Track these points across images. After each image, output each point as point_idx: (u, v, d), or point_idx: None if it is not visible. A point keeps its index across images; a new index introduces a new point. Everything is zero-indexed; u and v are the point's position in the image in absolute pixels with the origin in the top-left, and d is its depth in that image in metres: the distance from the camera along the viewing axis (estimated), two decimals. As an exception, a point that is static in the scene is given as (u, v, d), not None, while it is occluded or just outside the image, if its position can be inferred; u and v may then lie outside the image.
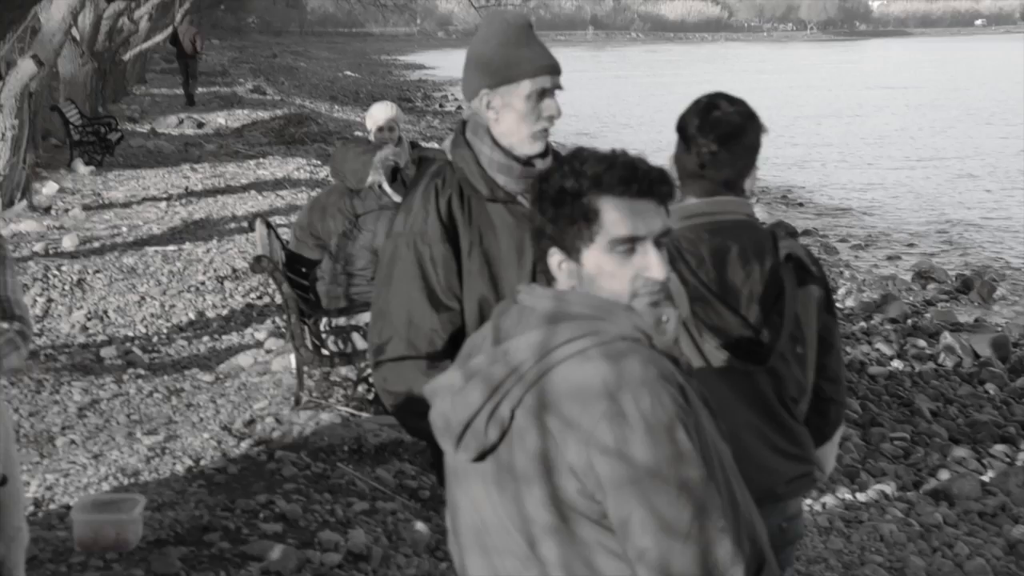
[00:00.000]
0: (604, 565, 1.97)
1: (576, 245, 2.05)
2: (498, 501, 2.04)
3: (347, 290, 6.44)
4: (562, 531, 1.98)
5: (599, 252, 2.04)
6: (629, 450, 1.90)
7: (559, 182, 2.07)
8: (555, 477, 1.95)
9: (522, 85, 2.87)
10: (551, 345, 1.98)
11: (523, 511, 2.00)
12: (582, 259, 2.06)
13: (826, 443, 3.10)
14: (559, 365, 1.96)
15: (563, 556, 1.99)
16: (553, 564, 1.99)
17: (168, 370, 7.08)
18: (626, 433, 1.90)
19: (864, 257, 15.43)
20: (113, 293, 8.76)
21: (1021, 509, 6.74)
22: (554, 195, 2.07)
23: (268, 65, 48.16)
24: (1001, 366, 10.12)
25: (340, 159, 6.74)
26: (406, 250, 2.91)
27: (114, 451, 5.45)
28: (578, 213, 2.04)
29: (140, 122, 22.07)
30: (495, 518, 2.05)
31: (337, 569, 4.33)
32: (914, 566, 5.64)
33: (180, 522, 4.51)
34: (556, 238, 2.07)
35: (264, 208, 12.11)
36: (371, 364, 2.99)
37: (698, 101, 2.96)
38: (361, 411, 6.02)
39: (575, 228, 2.05)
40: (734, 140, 2.89)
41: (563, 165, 2.09)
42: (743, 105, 2.96)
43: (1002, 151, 26.03)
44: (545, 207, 2.08)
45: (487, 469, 2.05)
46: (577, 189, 2.05)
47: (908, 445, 7.77)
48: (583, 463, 1.92)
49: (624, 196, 2.04)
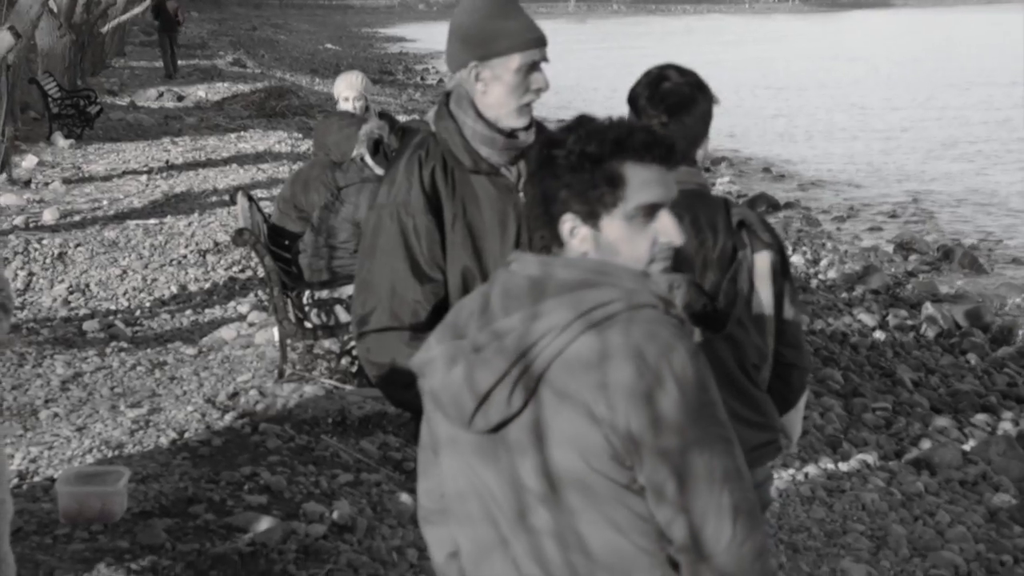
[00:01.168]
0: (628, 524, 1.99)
1: (596, 211, 2.03)
2: (507, 471, 2.03)
3: (330, 263, 6.43)
4: (580, 500, 1.98)
5: (620, 218, 2.03)
6: (670, 412, 1.92)
7: (578, 146, 2.03)
8: (582, 445, 1.95)
9: (512, 58, 2.86)
10: (578, 312, 1.96)
11: (545, 479, 1.99)
12: (601, 225, 2.03)
13: (791, 410, 3.12)
14: (587, 332, 1.95)
15: (588, 524, 1.99)
16: (578, 528, 2.00)
17: (151, 343, 7.07)
18: (666, 396, 1.92)
19: (846, 229, 15.49)
20: (95, 267, 8.73)
21: (1001, 477, 6.80)
22: (574, 160, 2.02)
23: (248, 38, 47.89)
24: (983, 336, 10.19)
25: (323, 132, 6.73)
26: (389, 221, 2.90)
27: (98, 424, 5.44)
28: (600, 178, 2.02)
29: (119, 95, 21.94)
30: (502, 488, 2.04)
31: (322, 540, 4.35)
32: (896, 534, 5.69)
33: (165, 494, 4.52)
34: (571, 204, 2.03)
35: (245, 181, 12.06)
36: (354, 335, 3.00)
37: (648, 72, 2.97)
38: (344, 383, 6.02)
39: (597, 193, 2.02)
40: (684, 111, 2.90)
41: (577, 130, 2.05)
42: (693, 76, 2.96)
43: (984, 121, 26.11)
44: (559, 172, 2.03)
45: (495, 440, 2.03)
46: (599, 154, 2.02)
47: (890, 415, 7.82)
48: (620, 428, 1.92)
49: (645, 162, 2.03)
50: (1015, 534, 6.01)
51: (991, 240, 14.57)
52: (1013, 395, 8.65)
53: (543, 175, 2.05)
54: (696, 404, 1.94)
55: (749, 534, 1.97)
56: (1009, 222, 15.81)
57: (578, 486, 1.98)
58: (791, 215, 15.85)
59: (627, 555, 2.00)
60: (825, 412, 7.49)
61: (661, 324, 1.97)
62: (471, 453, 2.08)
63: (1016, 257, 13.79)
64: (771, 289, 2.96)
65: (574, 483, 1.97)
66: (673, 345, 1.95)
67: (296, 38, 54.37)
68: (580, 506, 1.99)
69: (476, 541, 2.12)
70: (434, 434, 2.18)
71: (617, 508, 1.98)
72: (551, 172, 2.04)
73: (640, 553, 1.99)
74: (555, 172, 2.03)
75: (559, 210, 2.04)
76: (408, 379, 2.89)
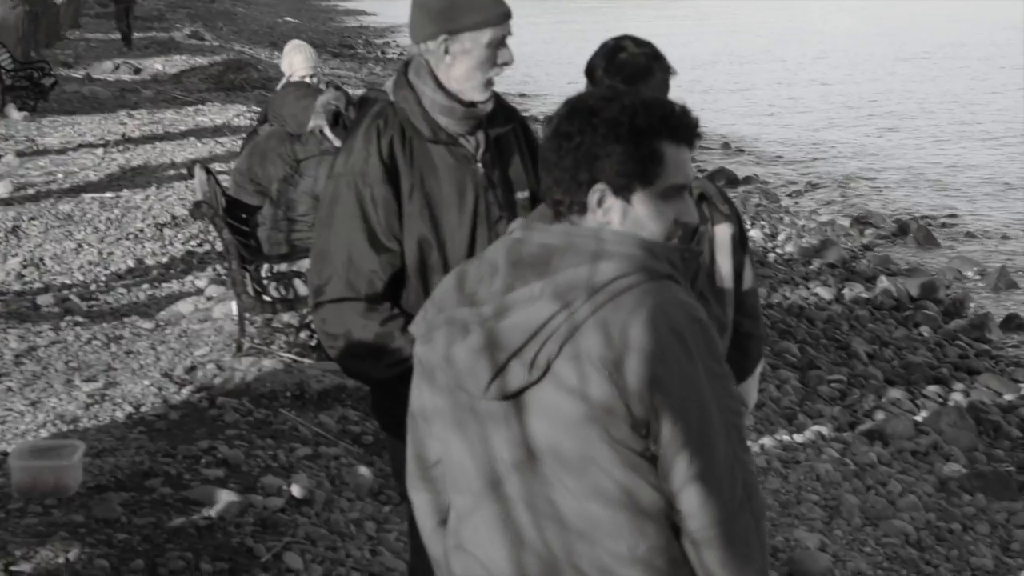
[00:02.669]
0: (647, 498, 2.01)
1: (632, 185, 2.02)
2: (516, 438, 2.02)
3: (288, 236, 6.39)
4: (584, 468, 1.98)
5: (652, 195, 2.02)
6: (691, 380, 1.95)
7: (626, 118, 2.00)
8: (602, 412, 1.95)
9: (484, 32, 2.84)
10: (601, 282, 1.96)
11: (556, 447, 1.99)
12: (633, 199, 2.02)
13: (748, 378, 3.16)
14: (610, 301, 1.95)
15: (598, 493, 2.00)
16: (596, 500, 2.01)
17: (107, 318, 6.99)
18: (687, 364, 1.95)
19: (804, 203, 15.59)
20: (49, 240, 8.63)
21: (952, 448, 6.90)
22: (623, 132, 2.00)
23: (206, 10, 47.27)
24: (935, 309, 10.31)
25: (279, 103, 6.67)
26: (347, 190, 2.88)
27: (52, 398, 5.39)
28: (644, 153, 2.01)
29: (75, 67, 21.60)
30: (509, 454, 2.04)
31: (280, 513, 4.34)
32: (848, 504, 5.76)
33: (121, 468, 4.48)
34: (607, 173, 2.01)
35: (204, 155, 11.94)
36: (310, 305, 2.98)
37: (605, 44, 2.97)
38: (303, 357, 6.00)
39: (638, 168, 2.01)
40: (640, 82, 2.89)
41: (616, 100, 2.02)
42: (649, 47, 2.96)
43: (940, 98, 26.31)
44: (600, 140, 2.00)
45: (505, 408, 2.02)
46: (648, 129, 2.01)
47: (845, 387, 7.91)
48: (642, 395, 1.94)
49: (680, 143, 2.04)
50: (964, 503, 6.10)
51: (945, 214, 14.71)
52: (964, 367, 8.77)
53: (581, 141, 2.01)
54: (712, 374, 1.98)
55: (749, 501, 2.01)
56: (963, 197, 15.97)
57: (587, 453, 1.98)
58: (750, 190, 15.92)
59: (621, 523, 2.00)
60: (781, 384, 7.55)
61: (678, 296, 2.00)
62: (474, 421, 2.07)
63: (969, 231, 13.94)
64: (731, 261, 2.98)
65: (583, 451, 1.98)
66: (693, 316, 1.98)
67: (255, 10, 53.76)
68: (581, 473, 1.99)
69: (467, 506, 2.12)
70: (429, 402, 2.16)
71: (623, 476, 1.99)
72: (591, 139, 2.00)
73: (635, 519, 2.01)
74: (595, 139, 2.00)
75: (592, 178, 2.01)
76: (364, 350, 2.89)
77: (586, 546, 2.02)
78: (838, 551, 5.27)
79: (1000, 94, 26.64)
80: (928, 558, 5.42)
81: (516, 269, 2.02)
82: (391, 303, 2.90)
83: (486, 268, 2.07)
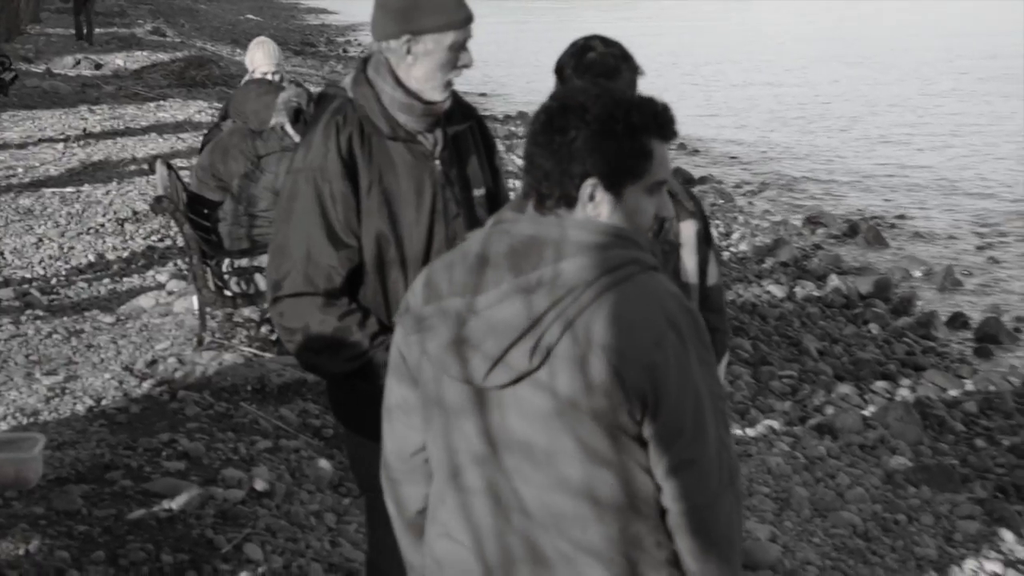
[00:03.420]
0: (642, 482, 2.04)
1: (623, 180, 2.05)
2: (513, 426, 2.04)
3: (249, 231, 6.37)
4: (592, 451, 2.01)
5: (640, 189, 2.07)
6: (687, 367, 2.00)
7: (621, 115, 2.04)
8: (602, 398, 1.98)
9: (447, 35, 2.86)
10: (601, 271, 1.99)
11: (552, 434, 2.01)
12: (624, 193, 2.06)
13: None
14: (611, 290, 1.98)
15: (600, 476, 2.03)
16: (602, 485, 2.03)
17: (68, 312, 6.94)
18: (684, 351, 2.00)
19: (757, 203, 15.69)
20: (9, 234, 8.55)
21: (898, 441, 6.98)
22: (619, 129, 2.03)
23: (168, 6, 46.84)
24: (884, 307, 10.42)
25: (240, 100, 6.64)
26: (306, 186, 2.88)
27: (12, 391, 5.34)
28: (637, 149, 2.05)
29: (35, 62, 21.34)
30: (504, 442, 2.05)
31: (240, 505, 4.33)
32: (798, 496, 5.82)
33: (81, 460, 4.46)
34: (600, 168, 2.04)
35: (165, 151, 11.86)
36: (268, 300, 2.98)
37: (574, 43, 2.99)
38: (264, 351, 5.99)
39: (630, 163, 2.05)
40: (609, 81, 2.92)
41: (605, 97, 2.05)
42: (617, 47, 2.98)
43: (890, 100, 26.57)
44: (593, 136, 2.02)
45: (500, 396, 2.04)
46: (641, 126, 2.05)
47: (796, 382, 7.98)
48: (642, 381, 1.98)
49: (663, 139, 2.09)
50: (909, 495, 6.18)
51: (894, 215, 14.87)
52: (911, 363, 8.87)
53: (576, 136, 2.03)
54: (701, 361, 2.03)
55: (732, 483, 2.07)
56: (912, 198, 16.15)
57: (582, 439, 2.00)
58: (705, 189, 16.00)
59: (583, 513, 2.04)
60: (734, 380, 7.62)
61: (668, 286, 2.06)
62: (467, 411, 2.07)
63: (918, 231, 14.09)
64: (696, 257, 3.01)
65: (578, 437, 2.00)
66: (684, 306, 2.05)
67: (217, 7, 53.35)
68: (580, 458, 2.02)
69: (444, 493, 2.14)
70: (411, 393, 2.16)
71: (615, 460, 2.02)
72: (586, 134, 2.03)
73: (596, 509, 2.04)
74: (590, 135, 2.03)
75: (585, 172, 2.04)
76: (321, 344, 2.90)
77: (550, 535, 2.04)
78: (788, 542, 5.33)
79: (946, 98, 26.96)
80: (875, 548, 5.49)
81: (509, 260, 2.03)
82: (349, 298, 2.91)
83: (473, 260, 2.08)
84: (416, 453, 2.23)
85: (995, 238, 13.76)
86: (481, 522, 2.09)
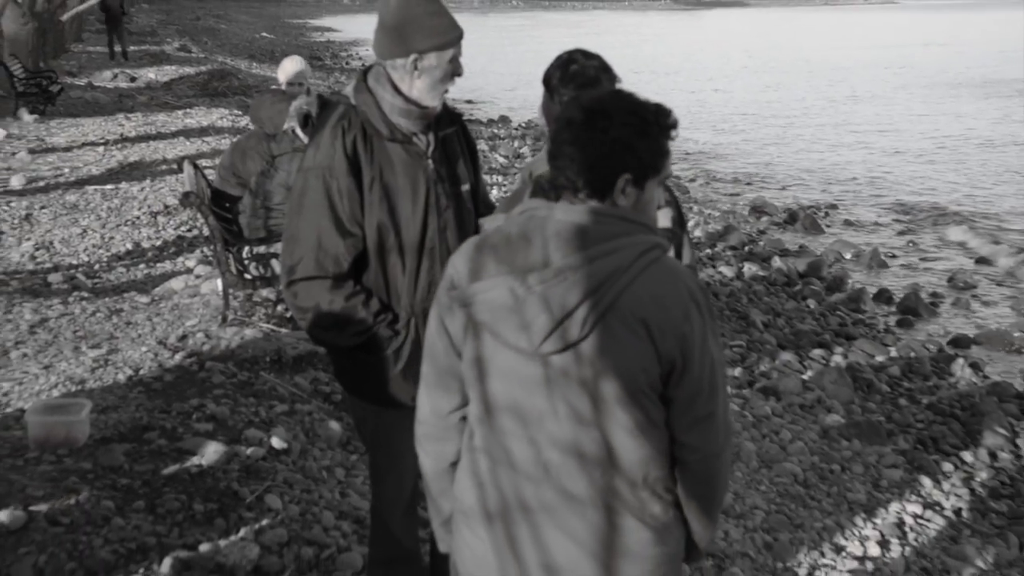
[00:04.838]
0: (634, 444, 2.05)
1: (648, 175, 2.06)
2: (560, 392, 2.02)
3: (266, 222, 6.34)
4: (617, 414, 2.01)
5: (655, 184, 2.08)
6: (706, 334, 2.03)
7: (652, 117, 2.04)
8: (640, 365, 1.99)
9: (447, 52, 2.87)
10: (638, 253, 1.99)
11: (592, 399, 2.01)
12: (646, 186, 2.07)
13: None
14: (647, 269, 1.99)
15: (633, 438, 2.03)
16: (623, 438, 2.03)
17: (109, 293, 6.90)
18: (703, 321, 2.02)
19: (709, 194, 15.71)
20: (58, 226, 8.49)
21: (833, 401, 7.02)
22: (654, 130, 2.04)
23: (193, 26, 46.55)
24: (820, 284, 10.46)
25: (258, 107, 6.61)
26: (315, 182, 2.87)
27: (63, 363, 5.32)
28: (662, 148, 2.06)
29: (78, 76, 21.19)
30: (551, 406, 2.03)
31: (261, 461, 4.32)
32: (747, 450, 5.84)
33: (123, 423, 4.44)
34: (632, 165, 2.03)
35: (191, 152, 11.79)
36: (283, 283, 2.96)
37: (560, 56, 2.99)
38: (280, 327, 5.97)
39: (656, 160, 2.06)
40: (590, 89, 2.91)
41: (627, 101, 2.05)
42: (597, 59, 2.99)
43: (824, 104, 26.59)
44: (630, 135, 2.02)
45: (553, 362, 2.01)
46: (665, 127, 2.06)
47: (744, 351, 8.01)
48: (674, 349, 1.99)
49: (671, 140, 2.10)
50: (842, 447, 6.22)
51: (827, 205, 14.91)
52: (843, 333, 8.91)
53: (617, 135, 2.01)
54: (714, 332, 2.06)
55: (729, 439, 2.14)
56: (842, 190, 16.19)
57: (620, 402, 2.01)
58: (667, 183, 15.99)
59: (645, 455, 2.05)
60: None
61: (683, 266, 2.09)
62: (516, 376, 2.05)
63: (847, 219, 14.14)
64: (672, 241, 3.01)
65: (617, 399, 2.00)
66: (698, 283, 2.07)
67: (236, 27, 53.01)
68: (620, 417, 2.02)
69: (509, 451, 2.10)
70: (465, 360, 2.12)
71: (647, 415, 2.04)
72: (627, 133, 2.02)
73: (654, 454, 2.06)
74: (629, 134, 2.02)
75: (623, 167, 2.03)
76: (331, 321, 2.89)
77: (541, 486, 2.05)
78: (738, 489, 5.35)
79: (869, 102, 27.00)
80: (812, 494, 5.52)
81: (554, 242, 2.01)
82: (354, 281, 2.90)
83: (518, 242, 2.05)
84: (452, 412, 2.21)
85: (914, 224, 13.81)
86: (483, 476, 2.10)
